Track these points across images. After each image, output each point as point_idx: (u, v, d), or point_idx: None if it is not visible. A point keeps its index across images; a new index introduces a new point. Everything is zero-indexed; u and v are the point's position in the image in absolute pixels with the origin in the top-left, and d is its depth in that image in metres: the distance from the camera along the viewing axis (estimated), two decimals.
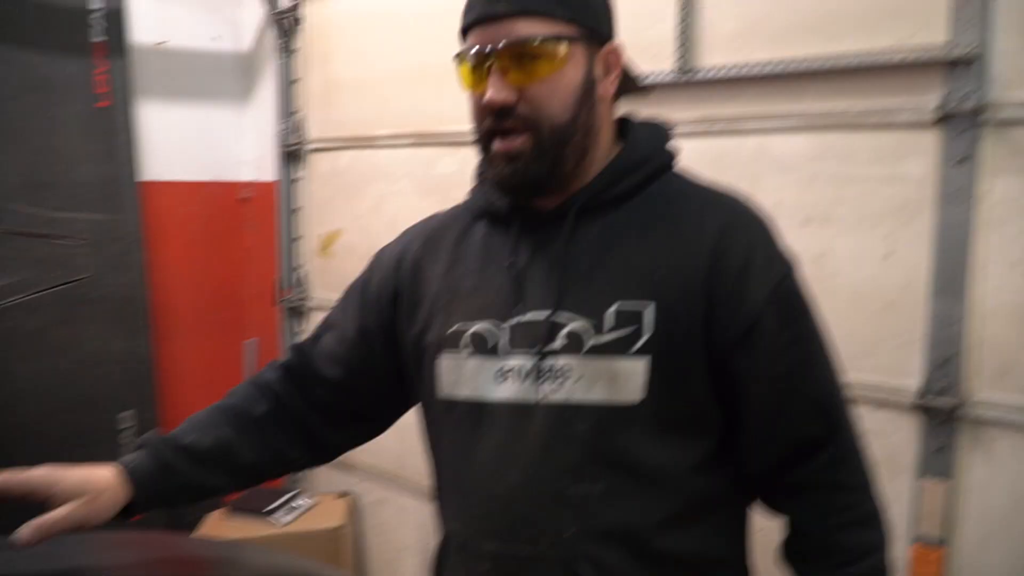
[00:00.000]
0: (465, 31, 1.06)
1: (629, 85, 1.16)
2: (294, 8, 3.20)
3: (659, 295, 1.02)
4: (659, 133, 1.16)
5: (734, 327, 1.02)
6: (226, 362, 3.70)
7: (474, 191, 1.20)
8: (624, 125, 1.17)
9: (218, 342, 3.67)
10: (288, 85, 3.29)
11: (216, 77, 3.52)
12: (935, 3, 1.75)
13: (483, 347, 1.09)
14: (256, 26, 3.48)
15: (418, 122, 2.84)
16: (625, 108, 1.19)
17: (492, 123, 1.04)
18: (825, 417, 1.07)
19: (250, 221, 3.64)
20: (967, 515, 1.79)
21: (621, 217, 1.08)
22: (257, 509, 2.96)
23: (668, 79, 2.14)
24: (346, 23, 3.09)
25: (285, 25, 3.24)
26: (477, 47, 1.02)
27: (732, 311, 1.02)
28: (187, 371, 3.55)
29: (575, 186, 1.09)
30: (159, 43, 3.32)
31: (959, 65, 1.73)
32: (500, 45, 1.00)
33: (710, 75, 2.09)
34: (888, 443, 1.87)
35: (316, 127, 3.27)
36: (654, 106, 2.19)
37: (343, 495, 3.17)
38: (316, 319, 3.35)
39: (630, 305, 1.02)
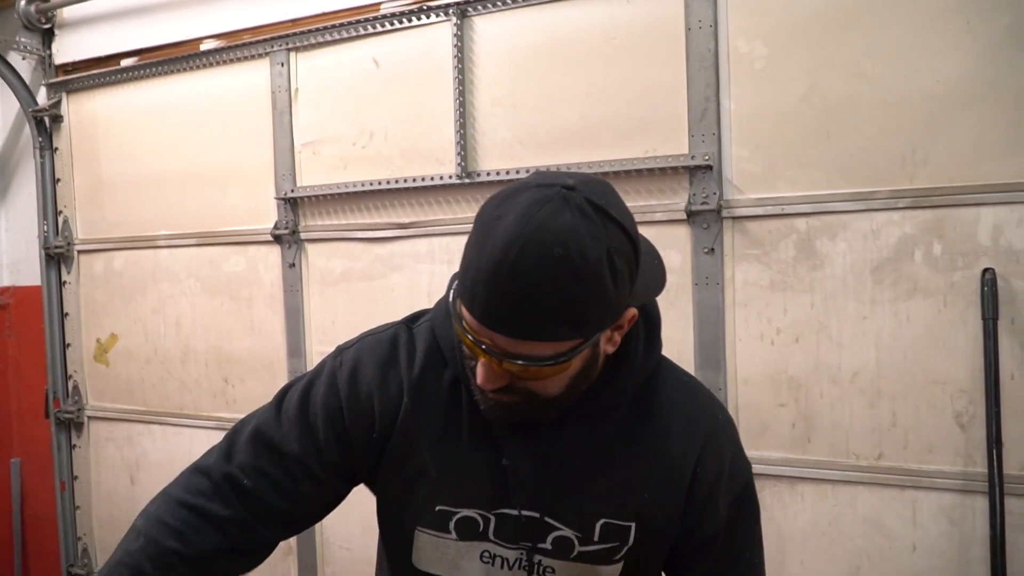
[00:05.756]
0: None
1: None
2: (54, 105, 3.04)
3: (642, 516, 1.09)
4: (653, 342, 1.11)
5: (695, 538, 1.12)
6: None
7: (455, 349, 1.08)
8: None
9: None
10: (50, 185, 3.10)
11: None
12: (677, 119, 2.04)
13: (470, 532, 1.11)
14: (7, 124, 3.26)
15: (202, 222, 2.80)
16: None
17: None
18: None
19: (12, 329, 3.35)
20: None
21: (609, 426, 1.08)
22: None
23: (452, 181, 2.29)
24: (113, 122, 2.97)
25: (44, 123, 3.06)
26: (475, 339, 0.92)
27: (696, 525, 1.11)
28: None
29: None
30: None
31: (700, 170, 2.02)
32: (499, 357, 0.91)
33: (489, 178, 2.26)
34: None
35: (85, 228, 3.09)
36: (439, 207, 2.37)
37: None
38: (95, 430, 3.14)
39: (616, 523, 1.08)
